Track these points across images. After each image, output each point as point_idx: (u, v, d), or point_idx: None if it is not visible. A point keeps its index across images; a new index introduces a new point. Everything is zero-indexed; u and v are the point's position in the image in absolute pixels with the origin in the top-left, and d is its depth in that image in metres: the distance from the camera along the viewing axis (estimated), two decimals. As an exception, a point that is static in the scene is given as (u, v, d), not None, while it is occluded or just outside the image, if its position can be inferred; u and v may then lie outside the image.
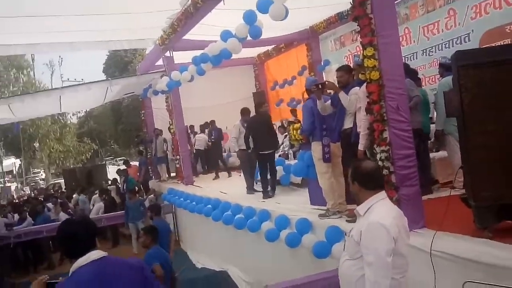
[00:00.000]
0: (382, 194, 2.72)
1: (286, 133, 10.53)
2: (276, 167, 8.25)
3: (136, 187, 13.20)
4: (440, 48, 9.25)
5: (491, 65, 3.66)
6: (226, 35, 7.54)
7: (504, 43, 7.74)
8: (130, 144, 32.50)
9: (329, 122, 5.57)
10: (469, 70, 3.70)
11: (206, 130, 13.75)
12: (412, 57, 9.95)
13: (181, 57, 11.42)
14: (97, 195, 14.58)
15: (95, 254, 2.39)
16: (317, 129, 5.60)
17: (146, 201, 12.55)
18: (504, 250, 3.36)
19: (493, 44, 7.82)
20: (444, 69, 6.31)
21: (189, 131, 13.81)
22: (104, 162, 36.23)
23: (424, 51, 9.67)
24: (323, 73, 12.77)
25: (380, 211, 2.61)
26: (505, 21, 7.84)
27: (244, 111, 9.16)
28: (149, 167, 14.88)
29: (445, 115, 5.73)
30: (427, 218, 4.35)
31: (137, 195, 11.74)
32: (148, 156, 14.76)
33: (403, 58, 9.46)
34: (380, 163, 4.34)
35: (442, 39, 9.23)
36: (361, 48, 4.51)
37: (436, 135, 6.13)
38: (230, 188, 9.82)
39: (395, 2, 8.68)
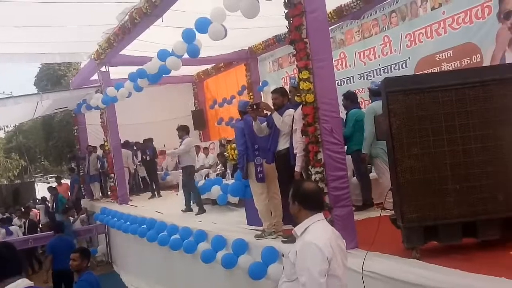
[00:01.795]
0: (320, 215, 2.73)
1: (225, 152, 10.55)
2: (213, 187, 8.22)
3: (67, 206, 12.61)
4: (378, 73, 9.68)
5: (417, 92, 3.85)
6: (163, 54, 7.44)
7: (434, 70, 8.22)
8: (62, 160, 31.08)
9: (262, 143, 5.60)
10: (398, 96, 3.86)
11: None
12: (348, 80, 10.33)
13: (118, 72, 11.15)
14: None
15: (23, 283, 2.26)
16: (249, 150, 5.63)
17: (77, 221, 12.04)
18: (431, 270, 3.49)
19: (426, 71, 8.29)
20: (372, 94, 6.58)
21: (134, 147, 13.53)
22: (33, 180, 34.37)
23: (361, 75, 10.08)
24: (262, 94, 12.93)
25: (315, 231, 2.62)
26: (435, 50, 8.35)
27: (183, 128, 9.12)
28: (82, 185, 14.28)
29: (371, 139, 6.00)
30: (359, 239, 4.46)
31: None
32: (81, 174, 14.18)
33: (340, 81, 9.94)
34: (313, 184, 4.40)
35: (379, 65, 9.66)
36: (298, 71, 4.61)
37: (362, 158, 6.32)
38: (166, 207, 9.61)
39: (331, 27, 9.07)
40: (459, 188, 3.77)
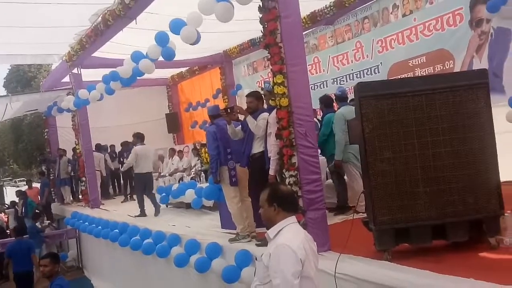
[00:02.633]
0: (293, 218, 2.75)
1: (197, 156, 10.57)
2: (188, 190, 8.18)
3: (37, 211, 12.33)
4: (351, 78, 9.83)
5: (388, 97, 3.92)
6: (137, 56, 7.36)
7: (408, 75, 8.39)
8: (32, 164, 30.38)
9: (235, 146, 5.61)
10: (370, 101, 3.92)
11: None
12: (322, 85, 10.45)
13: (91, 74, 10.98)
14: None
15: None
16: (222, 154, 5.64)
17: (48, 227, 11.80)
18: (402, 272, 3.55)
19: (399, 76, 8.46)
20: (339, 100, 6.64)
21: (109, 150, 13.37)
22: (1, 183, 33.45)
23: (335, 80, 10.21)
24: (236, 97, 12.94)
25: (288, 234, 2.64)
26: (408, 56, 8.52)
27: (138, 136, 9.35)
28: (52, 189, 13.98)
29: (343, 145, 6.06)
30: (332, 241, 4.50)
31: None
32: (51, 178, 13.89)
33: (313, 86, 10.03)
34: (288, 187, 4.43)
35: (352, 69, 9.82)
36: (272, 75, 4.64)
37: (336, 164, 6.36)
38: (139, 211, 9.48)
39: (304, 32, 9.16)
40: (429, 191, 3.85)
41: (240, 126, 5.50)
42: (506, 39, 6.88)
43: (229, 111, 5.27)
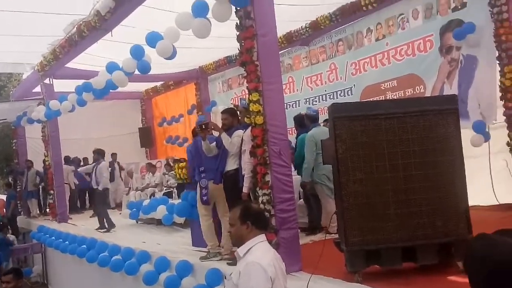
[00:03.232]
0: (263, 236, 2.76)
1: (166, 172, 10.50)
2: (159, 206, 8.07)
3: (1, 223, 11.91)
4: (324, 99, 9.94)
5: (362, 118, 3.98)
6: (112, 67, 7.28)
7: (380, 98, 8.54)
8: (-2, 175, 29.44)
9: (208, 164, 5.58)
10: (344, 122, 3.97)
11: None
12: (295, 104, 10.53)
13: (62, 85, 10.79)
14: None
15: None
16: (195, 171, 5.61)
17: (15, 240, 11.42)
18: (372, 293, 3.56)
19: (372, 99, 8.60)
20: (310, 120, 6.64)
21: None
22: (-36, 194, 32.30)
23: (307, 100, 10.30)
24: (211, 114, 12.92)
25: (258, 252, 2.65)
26: (380, 79, 8.68)
27: (99, 152, 9.63)
28: (19, 202, 13.56)
29: (311, 168, 6.09)
30: (303, 262, 4.48)
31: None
32: (18, 189, 13.48)
33: (287, 105, 10.09)
34: (261, 206, 4.41)
35: (325, 90, 9.94)
36: (247, 92, 4.66)
37: (302, 185, 6.39)
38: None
39: (280, 52, 9.25)
40: (400, 213, 3.89)
41: (215, 142, 5.48)
42: (472, 66, 7.10)
43: (204, 127, 5.26)
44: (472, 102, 7.06)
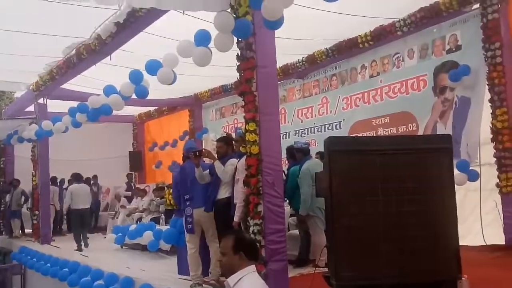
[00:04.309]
0: (253, 267, 2.74)
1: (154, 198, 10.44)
2: (146, 232, 7.96)
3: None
4: (312, 131, 10.03)
5: (356, 153, 4.00)
6: (109, 90, 7.31)
7: (370, 134, 8.64)
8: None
9: (194, 191, 5.56)
10: (340, 155, 3.98)
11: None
12: (284, 136, 10.57)
13: (55, 105, 10.77)
14: None
15: None
16: (181, 199, 5.62)
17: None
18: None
19: (361, 134, 8.69)
20: (303, 154, 6.61)
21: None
22: None
23: (297, 131, 10.41)
24: (202, 140, 12.94)
25: (248, 282, 2.63)
26: (372, 115, 8.80)
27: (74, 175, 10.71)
28: (1, 221, 13.28)
29: (309, 201, 6.08)
30: (291, 295, 4.44)
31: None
32: (2, 209, 13.23)
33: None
34: (252, 235, 4.39)
35: (314, 123, 10.05)
36: (238, 121, 4.71)
37: (300, 220, 6.34)
38: (93, 250, 9.14)
39: (276, 83, 9.37)
40: (391, 249, 3.88)
41: (208, 170, 5.47)
42: (466, 108, 7.25)
43: (197, 154, 5.26)
44: (464, 142, 7.18)
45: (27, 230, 12.69)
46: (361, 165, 3.97)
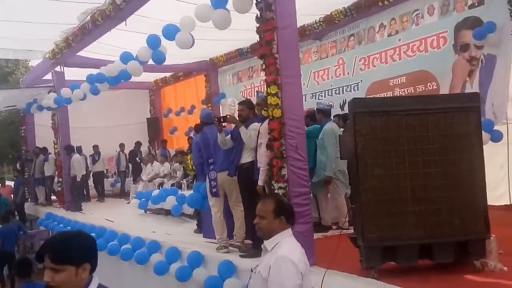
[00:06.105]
0: (290, 231, 2.71)
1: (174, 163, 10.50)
2: (168, 197, 8.09)
3: (11, 209, 11.96)
4: (329, 94, 9.88)
5: (382, 114, 3.95)
6: (126, 57, 7.26)
7: (387, 94, 8.48)
8: (3, 161, 29.47)
9: (218, 156, 5.58)
10: (364, 117, 3.94)
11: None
12: (300, 99, 10.45)
13: (72, 73, 10.79)
14: None
15: None
16: (204, 164, 5.63)
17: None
18: (389, 289, 3.55)
19: (378, 95, 8.53)
20: (324, 115, 6.53)
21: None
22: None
23: (313, 94, 10.25)
24: (220, 106, 12.89)
25: (288, 246, 2.60)
26: (389, 75, 8.62)
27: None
28: (26, 189, 13.61)
29: (333, 160, 6.03)
30: (317, 256, 4.48)
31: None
32: (26, 176, 13.53)
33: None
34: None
35: (331, 85, 9.87)
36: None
37: (327, 181, 6.26)
38: (118, 215, 9.33)
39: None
40: (418, 210, 3.87)
41: (230, 135, 5.47)
42: (492, 66, 7.02)
43: (222, 120, 5.24)
44: (489, 101, 7.00)
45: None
46: (386, 126, 3.93)
